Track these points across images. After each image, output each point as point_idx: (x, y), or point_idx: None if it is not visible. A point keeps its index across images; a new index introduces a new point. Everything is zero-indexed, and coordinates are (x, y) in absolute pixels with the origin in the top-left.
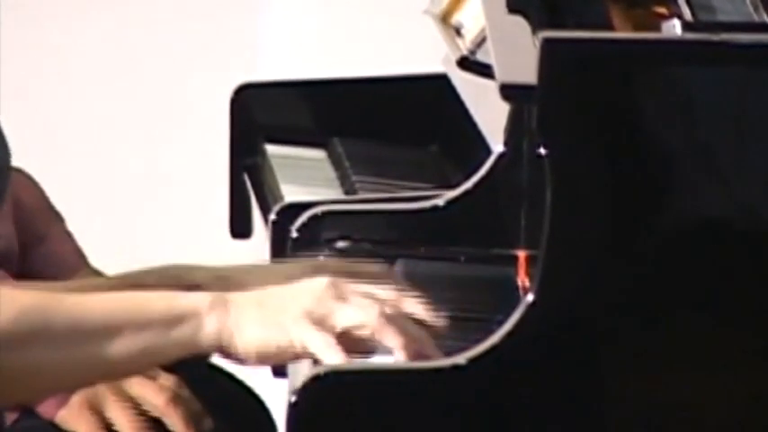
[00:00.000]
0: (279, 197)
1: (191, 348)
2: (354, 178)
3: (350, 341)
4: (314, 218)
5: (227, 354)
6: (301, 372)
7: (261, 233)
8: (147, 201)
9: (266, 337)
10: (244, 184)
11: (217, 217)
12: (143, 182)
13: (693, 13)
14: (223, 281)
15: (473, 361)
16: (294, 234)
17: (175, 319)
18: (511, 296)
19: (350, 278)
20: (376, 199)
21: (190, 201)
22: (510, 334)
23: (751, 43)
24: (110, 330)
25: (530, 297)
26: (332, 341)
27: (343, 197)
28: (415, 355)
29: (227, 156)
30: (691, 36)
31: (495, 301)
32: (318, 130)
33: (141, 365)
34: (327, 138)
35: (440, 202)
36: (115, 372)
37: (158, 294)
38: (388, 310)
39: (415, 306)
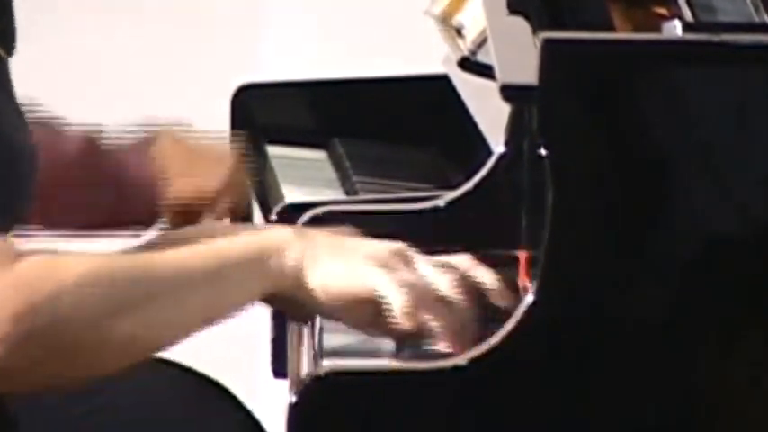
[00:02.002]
0: (279, 197)
1: (277, 280)
2: (355, 179)
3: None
4: (315, 218)
5: (295, 295)
6: (301, 372)
7: None
8: None
9: (338, 271)
10: None
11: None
12: None
13: (694, 14)
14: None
15: (473, 361)
16: None
17: (265, 254)
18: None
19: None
20: (376, 199)
21: None
22: (510, 334)
23: (751, 44)
24: (211, 277)
25: (530, 297)
26: (399, 283)
27: (343, 198)
28: (452, 337)
29: None
30: (691, 36)
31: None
32: (319, 130)
33: (238, 306)
34: (328, 138)
35: (440, 202)
36: (214, 318)
37: (241, 236)
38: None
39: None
